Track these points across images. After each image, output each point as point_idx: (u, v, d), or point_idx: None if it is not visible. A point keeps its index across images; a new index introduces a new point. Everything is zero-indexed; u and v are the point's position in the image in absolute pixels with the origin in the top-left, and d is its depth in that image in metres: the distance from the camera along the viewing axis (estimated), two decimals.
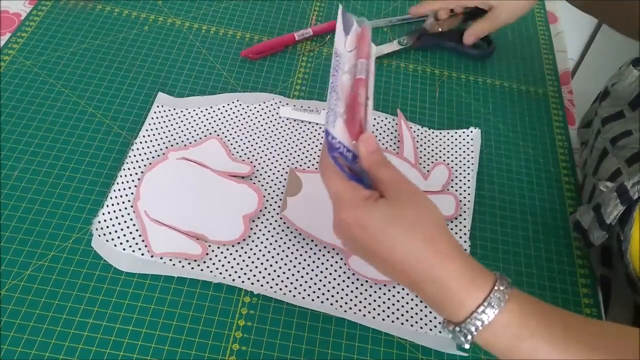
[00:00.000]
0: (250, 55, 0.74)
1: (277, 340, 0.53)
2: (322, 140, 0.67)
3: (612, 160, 0.60)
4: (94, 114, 0.66)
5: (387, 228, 0.41)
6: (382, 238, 0.41)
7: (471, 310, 0.40)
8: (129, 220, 0.58)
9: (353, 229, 0.42)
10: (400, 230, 0.41)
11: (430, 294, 0.42)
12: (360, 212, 0.42)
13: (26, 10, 0.74)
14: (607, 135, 0.61)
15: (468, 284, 0.41)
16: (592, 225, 0.59)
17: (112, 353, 0.50)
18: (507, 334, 0.40)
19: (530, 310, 0.41)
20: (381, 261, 0.42)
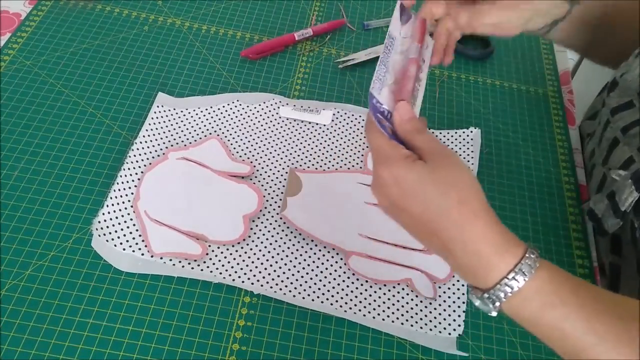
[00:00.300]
0: (250, 55, 0.74)
1: (277, 340, 0.53)
2: (322, 135, 0.67)
3: (623, 149, 0.60)
4: (94, 114, 0.66)
5: (422, 187, 0.41)
6: (416, 197, 0.41)
7: (502, 275, 0.40)
8: (129, 220, 0.58)
9: (389, 185, 0.42)
10: (435, 190, 0.41)
11: (460, 257, 0.42)
12: (397, 169, 0.42)
13: (26, 10, 0.74)
14: (618, 125, 0.62)
15: (500, 250, 0.41)
16: (606, 213, 0.59)
17: (112, 353, 0.50)
18: (537, 301, 0.40)
19: (560, 280, 0.41)
20: (413, 221, 0.43)
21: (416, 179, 0.41)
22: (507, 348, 0.55)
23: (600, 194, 0.61)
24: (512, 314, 0.42)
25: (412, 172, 0.42)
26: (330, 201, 0.62)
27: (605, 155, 0.63)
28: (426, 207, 0.41)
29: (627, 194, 0.56)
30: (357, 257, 0.58)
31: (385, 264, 0.58)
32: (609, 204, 0.59)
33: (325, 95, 0.72)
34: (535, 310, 0.41)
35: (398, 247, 0.59)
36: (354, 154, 0.67)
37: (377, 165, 0.44)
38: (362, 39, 0.80)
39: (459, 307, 0.57)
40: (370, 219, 0.61)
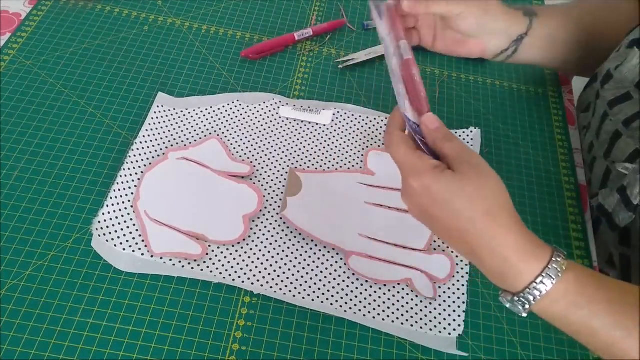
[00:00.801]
0: (250, 55, 0.74)
1: (277, 340, 0.53)
2: (322, 135, 0.67)
3: (627, 141, 0.60)
4: (94, 114, 0.66)
5: (452, 197, 0.43)
6: (446, 206, 0.43)
7: (530, 280, 0.43)
8: (129, 220, 0.58)
9: (420, 195, 0.44)
10: (464, 200, 0.43)
11: (489, 265, 0.44)
12: (427, 179, 0.44)
13: (26, 10, 0.74)
14: (618, 118, 0.61)
15: (527, 256, 0.43)
16: (617, 207, 0.59)
17: (112, 353, 0.50)
18: (565, 301, 0.43)
19: (586, 279, 0.43)
20: (444, 229, 0.45)
21: (444, 189, 0.43)
22: (507, 348, 0.55)
23: (608, 189, 0.61)
24: (542, 314, 0.44)
25: (440, 182, 0.43)
26: (330, 201, 0.62)
27: (606, 148, 0.63)
28: (455, 216, 0.43)
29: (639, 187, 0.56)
30: (357, 257, 0.58)
31: (385, 264, 0.58)
32: (620, 198, 0.59)
33: (325, 95, 0.72)
34: (564, 310, 0.43)
35: (398, 247, 0.59)
36: (354, 154, 0.67)
37: (405, 176, 0.45)
38: (362, 39, 0.80)
39: (459, 307, 0.57)
40: (370, 219, 0.61)
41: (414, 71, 0.48)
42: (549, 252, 0.44)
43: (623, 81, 0.61)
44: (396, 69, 0.48)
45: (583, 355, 0.56)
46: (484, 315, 0.57)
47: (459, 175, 0.43)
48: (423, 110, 0.47)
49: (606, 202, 0.61)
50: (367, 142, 0.68)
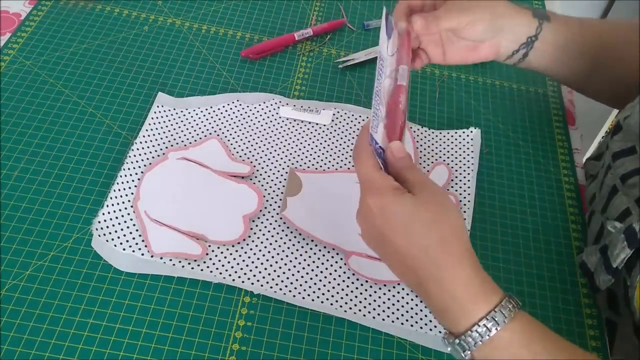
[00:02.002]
0: (250, 55, 0.74)
1: (277, 340, 0.53)
2: (322, 135, 0.67)
3: (621, 198, 0.57)
4: (94, 114, 0.66)
5: (408, 220, 0.41)
6: (401, 230, 0.42)
7: (474, 321, 0.40)
8: (129, 220, 0.58)
9: (375, 215, 0.43)
10: (420, 225, 0.41)
11: (435, 298, 0.42)
12: (385, 199, 0.42)
13: (26, 10, 0.74)
14: (618, 172, 0.58)
15: (474, 294, 0.41)
16: (598, 267, 0.56)
17: (112, 353, 0.50)
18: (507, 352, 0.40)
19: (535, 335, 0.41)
20: (393, 254, 0.43)
21: (402, 211, 0.42)
22: None
23: (594, 246, 0.58)
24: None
25: (398, 203, 0.42)
26: (330, 201, 0.62)
27: (604, 204, 0.60)
28: (408, 241, 0.42)
29: (619, 249, 0.52)
30: (357, 257, 0.58)
31: None
32: (601, 258, 0.55)
33: (325, 95, 0.72)
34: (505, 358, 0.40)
35: None
36: None
37: (364, 194, 0.44)
38: (362, 39, 0.80)
39: None
40: None
41: (401, 98, 0.47)
42: (499, 296, 0.41)
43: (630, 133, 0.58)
44: (384, 90, 0.47)
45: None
46: None
47: (419, 200, 0.42)
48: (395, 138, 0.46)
49: (589, 260, 0.58)
50: None
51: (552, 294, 0.59)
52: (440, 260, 0.41)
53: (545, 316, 0.58)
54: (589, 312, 0.59)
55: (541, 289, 0.59)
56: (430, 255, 0.41)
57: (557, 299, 0.59)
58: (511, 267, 0.61)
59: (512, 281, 0.59)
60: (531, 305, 0.58)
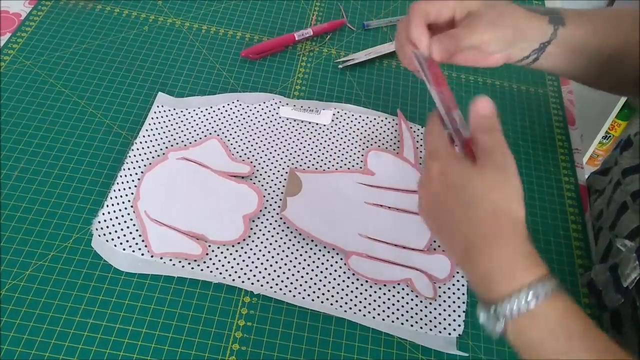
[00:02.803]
0: (250, 55, 0.74)
1: (277, 340, 0.53)
2: (322, 135, 0.67)
3: (632, 216, 0.55)
4: (94, 114, 0.66)
5: (464, 187, 0.42)
6: (457, 195, 0.42)
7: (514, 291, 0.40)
8: (129, 220, 0.58)
9: (434, 180, 0.44)
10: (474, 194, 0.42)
11: (479, 266, 0.42)
12: (446, 165, 0.43)
13: (26, 10, 0.74)
14: (628, 189, 0.57)
15: (520, 265, 0.41)
16: (607, 286, 0.55)
17: (112, 353, 0.50)
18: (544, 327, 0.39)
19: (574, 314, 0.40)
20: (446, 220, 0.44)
21: (460, 178, 0.43)
22: (507, 348, 0.55)
23: (603, 265, 0.56)
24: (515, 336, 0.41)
25: (458, 170, 0.43)
26: (330, 201, 0.62)
27: (613, 220, 0.59)
28: (463, 208, 0.42)
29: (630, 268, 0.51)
30: (357, 257, 0.58)
31: (385, 264, 0.58)
32: (610, 277, 0.54)
33: (325, 95, 0.72)
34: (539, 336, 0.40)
35: (398, 247, 0.59)
36: (354, 154, 0.67)
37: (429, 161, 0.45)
38: (362, 39, 0.80)
39: (459, 307, 0.57)
40: (370, 219, 0.61)
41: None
42: (543, 271, 0.41)
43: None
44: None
45: None
46: None
47: (479, 169, 0.42)
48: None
49: (597, 278, 0.57)
50: (367, 142, 0.68)
51: None
52: (491, 230, 0.41)
53: None
54: (589, 312, 0.58)
55: None
56: (482, 224, 0.41)
57: None
58: None
59: None
60: None
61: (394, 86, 0.75)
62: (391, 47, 0.78)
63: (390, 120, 0.70)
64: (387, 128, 0.70)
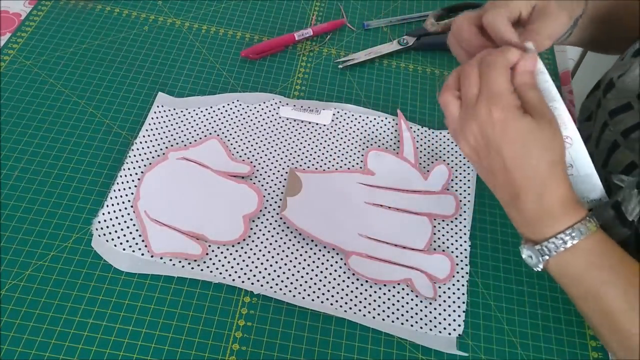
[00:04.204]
0: (250, 55, 0.74)
1: (277, 340, 0.53)
2: (322, 135, 0.67)
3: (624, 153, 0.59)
4: (94, 114, 0.66)
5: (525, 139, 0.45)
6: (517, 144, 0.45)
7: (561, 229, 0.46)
8: (129, 220, 0.58)
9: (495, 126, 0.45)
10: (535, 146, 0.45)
11: (529, 208, 0.47)
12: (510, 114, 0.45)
13: (26, 10, 0.74)
14: (618, 128, 0.60)
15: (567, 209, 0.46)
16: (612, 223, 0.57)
17: (112, 353, 0.50)
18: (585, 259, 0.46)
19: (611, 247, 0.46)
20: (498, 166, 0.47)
21: (522, 129, 0.45)
22: (507, 348, 0.55)
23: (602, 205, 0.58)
24: (557, 269, 0.47)
25: (521, 122, 0.45)
26: (330, 201, 0.62)
27: (604, 159, 0.61)
28: (521, 157, 0.45)
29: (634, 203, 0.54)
30: (357, 257, 0.58)
31: (385, 264, 0.58)
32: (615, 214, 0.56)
33: (325, 95, 0.72)
34: (581, 268, 0.46)
35: (398, 247, 0.59)
36: (354, 154, 0.67)
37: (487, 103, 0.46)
38: (362, 39, 0.80)
39: (459, 307, 0.57)
40: (370, 219, 0.61)
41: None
42: (584, 212, 0.47)
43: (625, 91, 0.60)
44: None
45: (583, 355, 0.56)
46: (484, 315, 0.57)
47: (538, 126, 0.45)
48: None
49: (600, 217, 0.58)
50: (367, 142, 0.68)
51: (552, 293, 0.59)
52: (546, 179, 0.46)
53: (544, 314, 0.58)
54: None
55: (541, 288, 0.59)
56: (539, 173, 0.45)
57: (557, 299, 0.59)
58: (511, 267, 0.60)
59: (512, 281, 0.59)
60: (530, 303, 0.58)
61: (394, 86, 0.75)
62: (391, 47, 0.78)
63: (390, 120, 0.70)
64: (387, 128, 0.70)
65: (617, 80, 0.61)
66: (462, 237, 0.61)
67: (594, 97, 0.67)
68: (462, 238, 0.61)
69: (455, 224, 0.62)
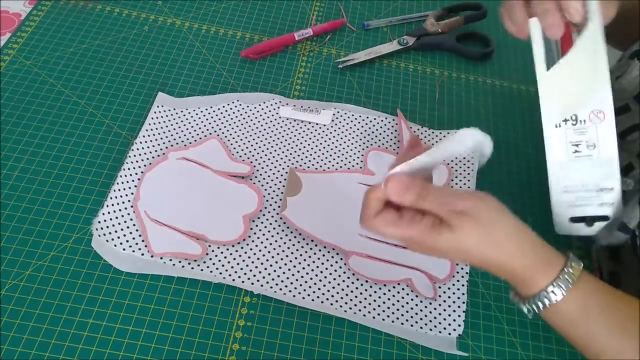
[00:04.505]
0: (250, 55, 0.74)
1: (277, 340, 0.53)
2: (322, 135, 0.67)
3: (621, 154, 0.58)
4: (94, 114, 0.66)
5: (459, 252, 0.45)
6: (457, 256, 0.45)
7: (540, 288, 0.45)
8: (129, 220, 0.58)
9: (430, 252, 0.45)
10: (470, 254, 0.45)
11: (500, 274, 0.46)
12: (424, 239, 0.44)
13: (26, 10, 0.74)
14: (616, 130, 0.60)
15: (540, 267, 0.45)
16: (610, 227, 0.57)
17: (112, 353, 0.50)
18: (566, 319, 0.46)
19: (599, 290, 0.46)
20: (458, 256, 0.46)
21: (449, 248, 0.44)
22: (507, 348, 0.55)
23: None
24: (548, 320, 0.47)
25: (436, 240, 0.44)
26: (330, 201, 0.62)
27: None
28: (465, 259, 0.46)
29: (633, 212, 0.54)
30: (357, 257, 0.58)
31: (385, 264, 0.58)
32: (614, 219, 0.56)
33: (325, 95, 0.72)
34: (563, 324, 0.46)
35: (398, 247, 0.59)
36: (354, 154, 0.67)
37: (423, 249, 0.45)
38: (362, 39, 0.80)
39: (459, 307, 0.57)
40: None
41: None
42: (562, 261, 0.46)
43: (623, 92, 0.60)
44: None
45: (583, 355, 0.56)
46: (484, 315, 0.57)
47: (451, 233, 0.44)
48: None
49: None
50: (367, 142, 0.68)
51: None
52: (497, 262, 0.45)
53: None
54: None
55: None
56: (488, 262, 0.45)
57: None
58: None
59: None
60: None
61: (394, 86, 0.75)
62: (391, 47, 0.78)
63: (390, 120, 0.70)
64: (387, 128, 0.70)
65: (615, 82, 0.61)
66: None
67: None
68: None
69: None
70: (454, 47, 0.80)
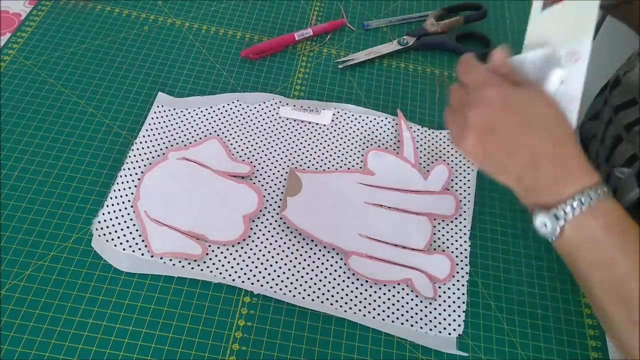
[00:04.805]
0: (250, 55, 0.74)
1: (277, 340, 0.53)
2: (322, 135, 0.67)
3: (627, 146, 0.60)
4: (94, 114, 0.66)
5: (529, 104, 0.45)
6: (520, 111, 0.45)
7: (579, 190, 0.43)
8: (129, 220, 0.58)
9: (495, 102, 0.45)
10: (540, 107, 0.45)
11: (545, 170, 0.44)
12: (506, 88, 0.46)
13: (26, 10, 0.74)
14: (622, 122, 0.61)
15: (584, 168, 0.44)
16: None
17: (112, 353, 0.50)
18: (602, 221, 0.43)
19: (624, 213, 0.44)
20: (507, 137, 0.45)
21: (523, 97, 0.45)
22: (507, 348, 0.55)
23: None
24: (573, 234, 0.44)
25: (519, 91, 0.45)
26: (330, 201, 0.62)
27: (608, 153, 0.63)
28: (529, 120, 0.45)
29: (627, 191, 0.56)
30: (357, 257, 0.58)
31: (385, 264, 0.58)
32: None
33: (325, 95, 0.72)
34: (598, 231, 0.43)
35: (398, 247, 0.59)
36: (354, 154, 0.67)
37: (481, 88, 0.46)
38: (362, 39, 0.80)
39: (459, 307, 0.57)
40: (370, 219, 0.61)
41: None
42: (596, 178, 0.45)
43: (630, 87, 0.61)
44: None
45: (583, 355, 0.56)
46: (484, 315, 0.57)
47: (532, 91, 0.45)
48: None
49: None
50: (367, 142, 0.68)
51: (552, 293, 0.59)
52: (559, 138, 0.44)
53: (544, 314, 0.58)
54: (589, 312, 0.59)
55: (541, 289, 0.59)
56: (551, 133, 0.44)
57: (556, 299, 0.59)
58: (511, 267, 0.61)
59: (512, 281, 0.59)
60: (530, 303, 0.58)
61: (394, 86, 0.75)
62: (391, 47, 0.78)
63: (390, 120, 0.70)
64: (387, 128, 0.70)
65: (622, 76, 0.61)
66: (462, 237, 0.61)
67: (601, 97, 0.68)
68: (462, 238, 0.61)
69: (455, 224, 0.62)
70: (454, 47, 0.80)
